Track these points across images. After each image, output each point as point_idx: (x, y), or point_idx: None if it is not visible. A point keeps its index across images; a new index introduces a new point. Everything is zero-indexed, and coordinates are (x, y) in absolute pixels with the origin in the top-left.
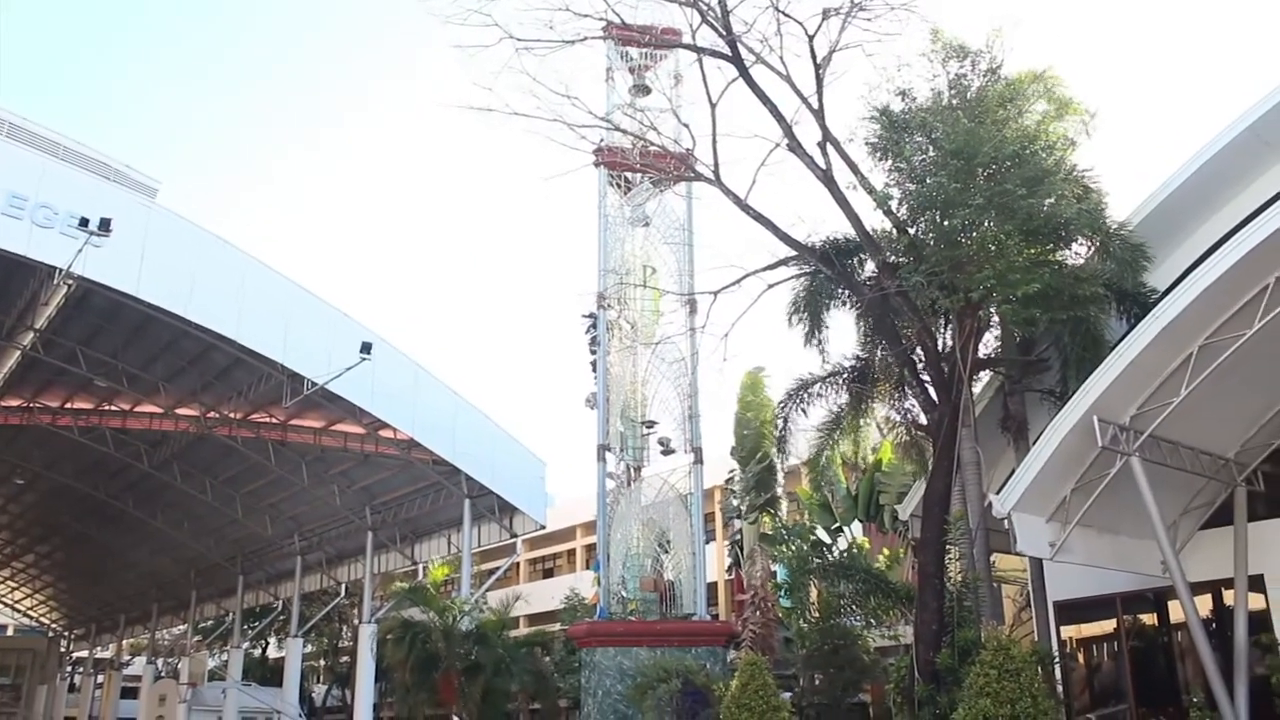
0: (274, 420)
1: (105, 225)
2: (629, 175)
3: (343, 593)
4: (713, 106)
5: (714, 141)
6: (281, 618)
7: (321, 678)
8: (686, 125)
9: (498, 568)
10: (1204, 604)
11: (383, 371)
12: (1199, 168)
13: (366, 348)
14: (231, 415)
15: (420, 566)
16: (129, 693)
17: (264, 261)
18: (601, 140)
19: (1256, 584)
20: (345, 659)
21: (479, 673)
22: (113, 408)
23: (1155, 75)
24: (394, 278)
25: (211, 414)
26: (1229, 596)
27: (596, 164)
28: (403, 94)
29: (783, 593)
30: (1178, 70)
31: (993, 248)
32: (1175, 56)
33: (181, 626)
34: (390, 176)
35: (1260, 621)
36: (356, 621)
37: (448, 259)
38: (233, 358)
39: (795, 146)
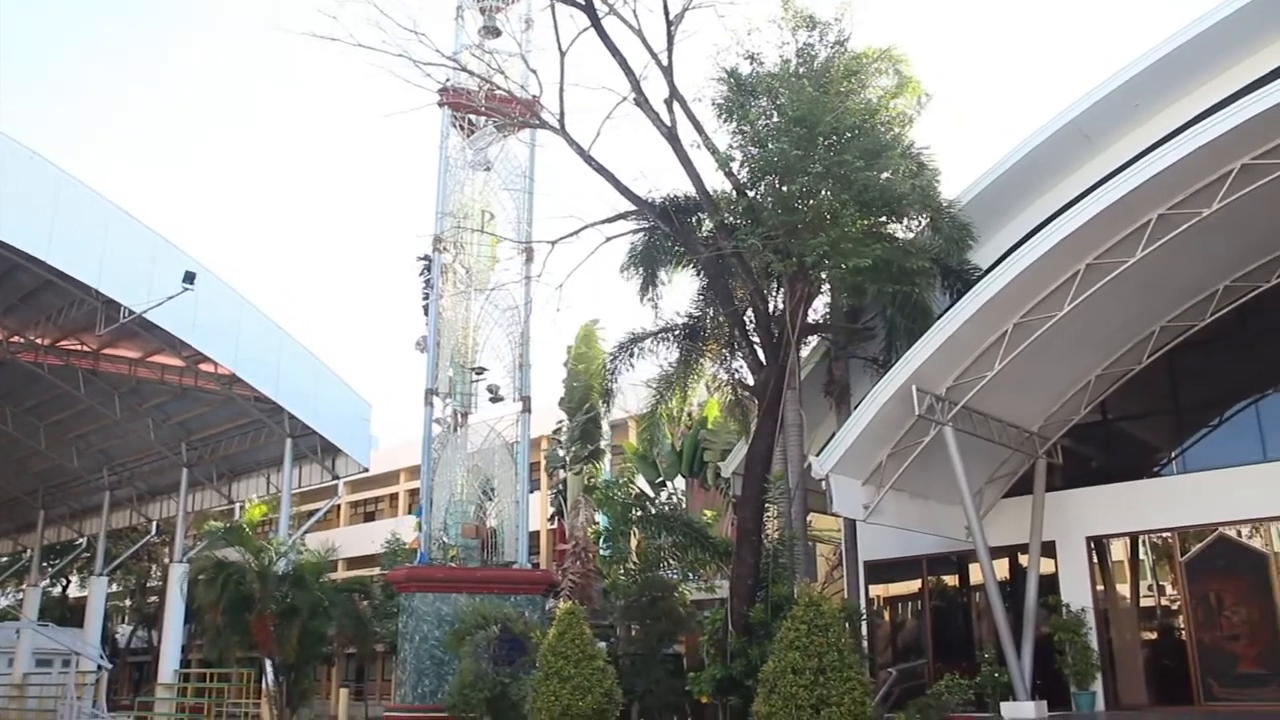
0: (85, 348)
1: None
2: (473, 118)
3: (153, 531)
4: (562, 55)
5: (561, 90)
6: (86, 555)
7: (127, 618)
8: (535, 71)
9: (318, 509)
10: (1001, 567)
11: (206, 303)
12: (1025, 154)
13: (190, 277)
14: (38, 341)
15: (237, 506)
16: None
17: (80, 179)
18: (447, 80)
19: (1048, 550)
20: (153, 599)
21: (295, 616)
22: None
23: (992, 61)
24: (221, 207)
25: (15, 338)
26: (1024, 561)
27: (441, 104)
28: (236, 13)
29: (603, 544)
30: (1014, 57)
31: (828, 216)
32: (1012, 44)
33: None
34: (219, 100)
35: (1049, 584)
36: (167, 561)
37: (278, 190)
38: (41, 280)
39: (642, 102)
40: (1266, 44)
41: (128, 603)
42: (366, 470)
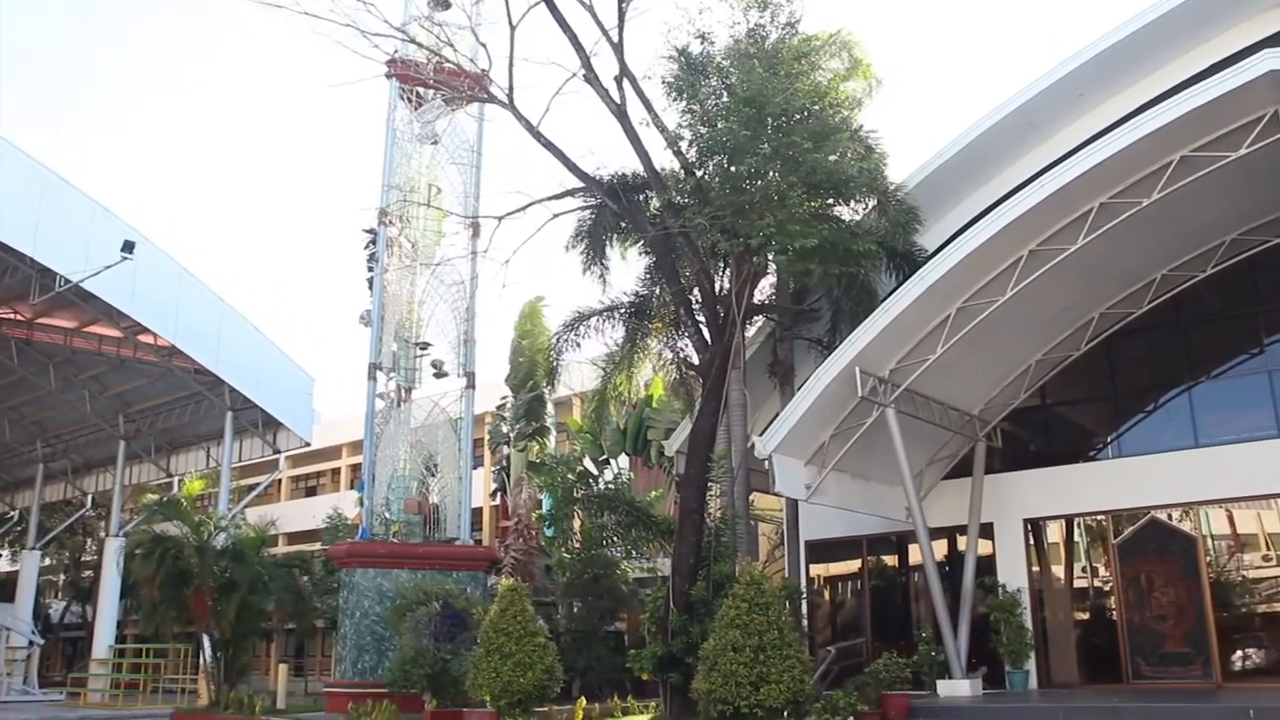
0: (19, 317)
1: None
2: (421, 91)
3: (89, 504)
4: (512, 29)
5: (511, 64)
6: (18, 528)
7: (60, 593)
8: (484, 45)
9: (258, 484)
10: (940, 548)
11: (145, 273)
12: (972, 140)
13: (129, 246)
14: None
15: (176, 480)
16: None
17: (15, 144)
18: (395, 52)
19: (986, 531)
20: (88, 574)
21: (233, 590)
22: None
23: (944, 46)
24: (162, 177)
25: None
26: (962, 542)
27: (389, 76)
28: None
29: (547, 522)
30: (965, 43)
31: (775, 197)
32: (964, 30)
33: None
34: (162, 69)
35: (987, 565)
36: (103, 535)
37: (222, 161)
38: None
39: (592, 78)
40: (1210, 37)
41: (61, 577)
42: (308, 445)
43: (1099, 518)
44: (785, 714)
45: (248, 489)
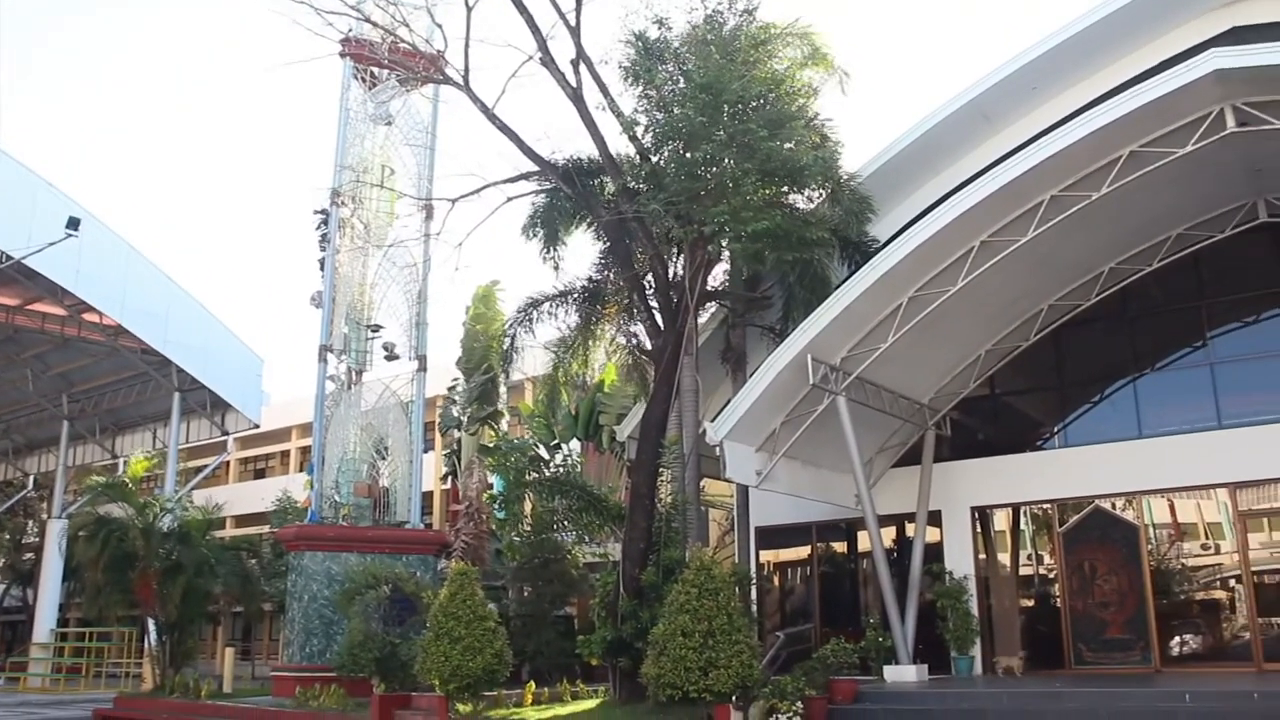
0: None
1: None
2: (376, 71)
3: (31, 485)
4: (468, 10)
5: (466, 46)
6: None
7: (0, 576)
8: (440, 26)
9: (206, 466)
10: (888, 535)
11: (91, 251)
12: (926, 131)
13: (74, 223)
14: None
15: (121, 461)
16: None
17: None
18: (350, 30)
19: (934, 519)
20: (29, 556)
21: (179, 573)
22: None
23: (901, 36)
24: (110, 153)
25: None
26: (910, 529)
27: (343, 55)
28: None
29: (497, 505)
30: (922, 34)
31: (730, 184)
32: (922, 21)
33: None
34: (109, 44)
35: (934, 552)
36: (45, 517)
37: (171, 138)
38: None
39: (548, 61)
40: (1160, 34)
41: (1, 560)
42: (257, 426)
43: (1045, 506)
44: (733, 699)
45: (195, 471)
